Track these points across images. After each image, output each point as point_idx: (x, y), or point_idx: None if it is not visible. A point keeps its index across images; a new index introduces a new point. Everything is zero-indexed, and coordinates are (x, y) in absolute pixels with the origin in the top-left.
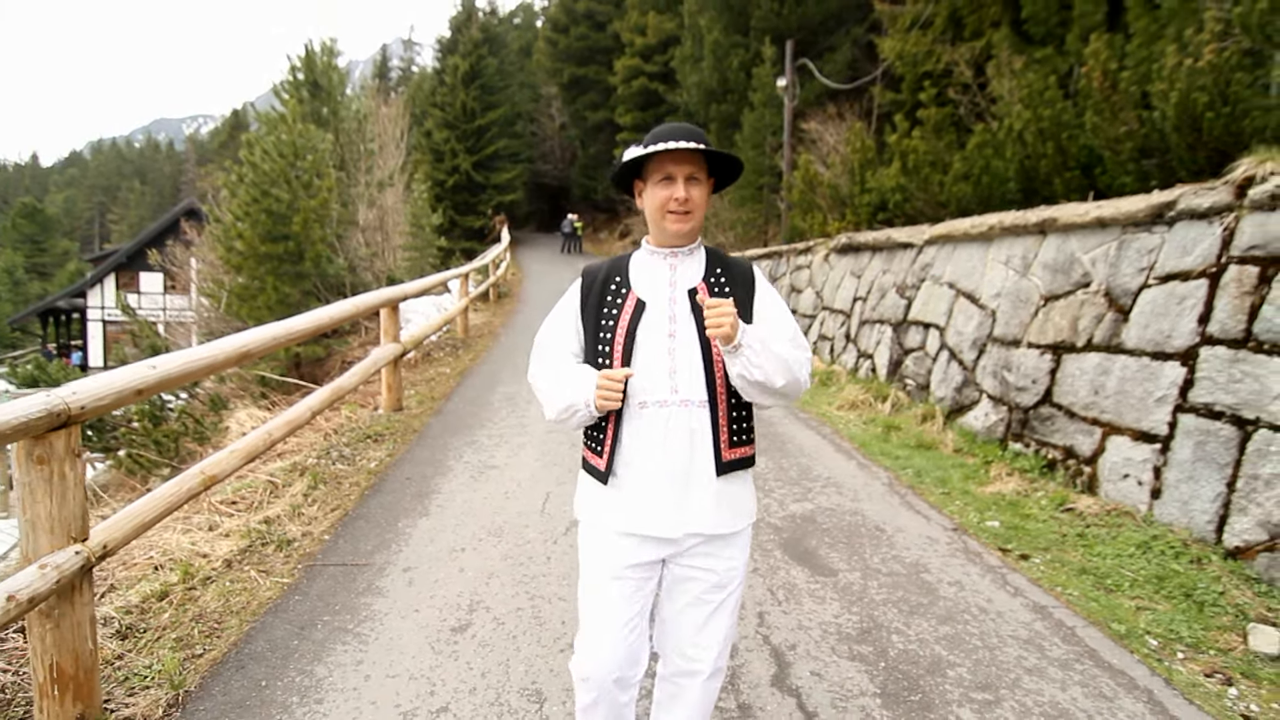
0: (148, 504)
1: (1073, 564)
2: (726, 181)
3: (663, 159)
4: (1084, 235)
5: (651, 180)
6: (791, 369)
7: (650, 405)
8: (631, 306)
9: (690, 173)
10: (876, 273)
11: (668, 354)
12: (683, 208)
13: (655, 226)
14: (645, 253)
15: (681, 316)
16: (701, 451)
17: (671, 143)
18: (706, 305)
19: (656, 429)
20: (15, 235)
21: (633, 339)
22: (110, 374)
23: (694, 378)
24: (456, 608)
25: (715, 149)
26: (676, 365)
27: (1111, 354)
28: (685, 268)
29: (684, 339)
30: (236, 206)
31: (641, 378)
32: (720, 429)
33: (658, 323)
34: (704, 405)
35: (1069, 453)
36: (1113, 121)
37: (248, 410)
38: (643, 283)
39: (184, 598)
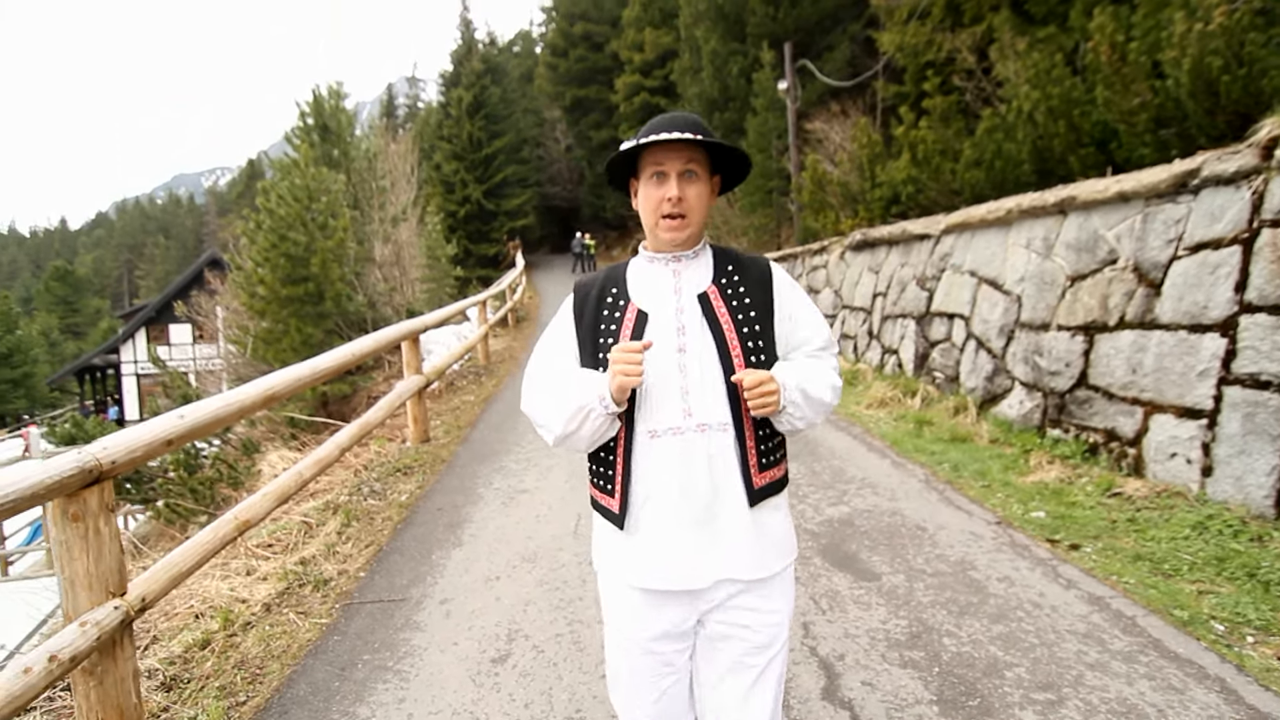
0: (184, 553)
1: (1126, 551)
2: (734, 180)
3: (655, 152)
4: (1106, 211)
5: (644, 177)
6: (830, 402)
7: (662, 434)
8: (632, 320)
9: (686, 167)
10: (895, 267)
11: (678, 371)
12: (676, 209)
13: (650, 232)
14: (644, 259)
15: (692, 326)
16: (728, 480)
17: (663, 133)
18: (745, 388)
19: (671, 461)
20: (49, 298)
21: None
22: (140, 427)
23: (712, 397)
24: (495, 638)
25: (714, 139)
26: (689, 384)
27: (1146, 330)
28: (691, 273)
29: (696, 352)
30: (256, 252)
31: (650, 401)
32: (749, 452)
33: (664, 336)
34: (725, 428)
35: (1111, 435)
36: (1125, 94)
37: (279, 452)
38: (643, 292)
39: (225, 645)
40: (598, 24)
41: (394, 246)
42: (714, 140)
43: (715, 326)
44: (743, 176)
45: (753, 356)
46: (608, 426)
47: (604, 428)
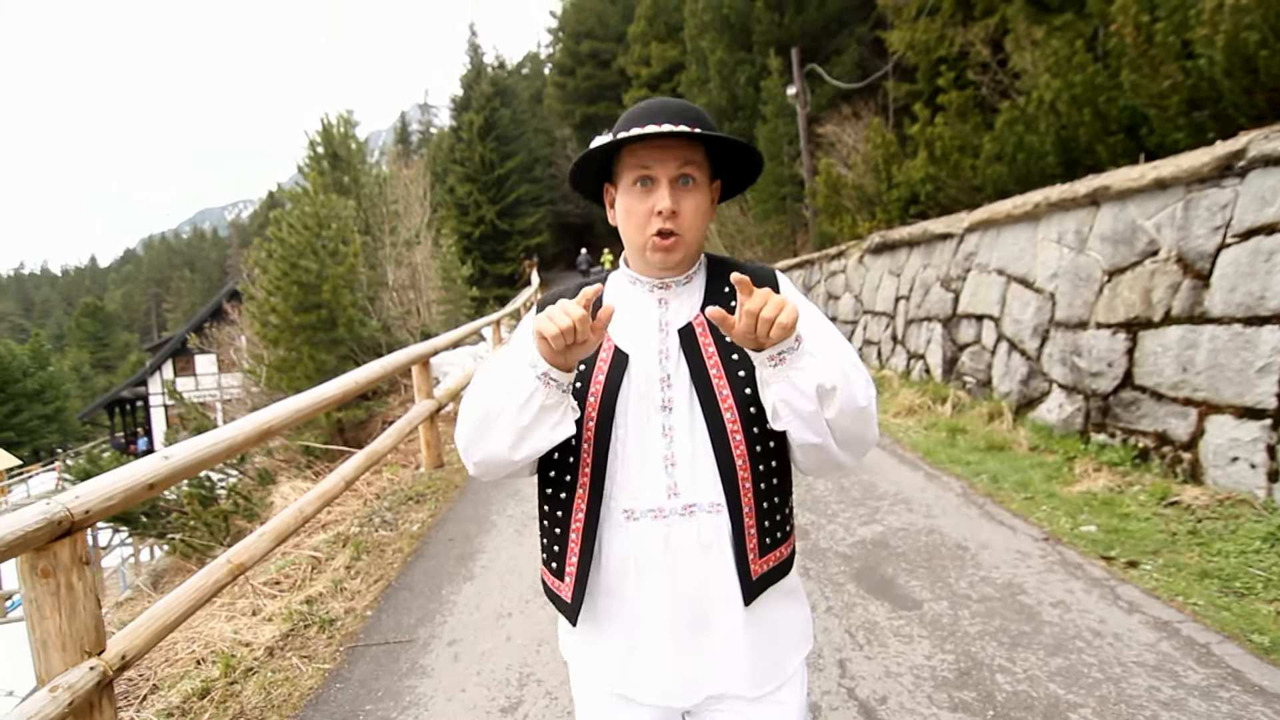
0: (172, 603)
1: (1190, 567)
2: (737, 185)
3: (641, 151)
4: (1143, 200)
5: (624, 182)
6: (864, 406)
7: (641, 516)
8: (607, 360)
9: (680, 171)
10: (916, 268)
11: (661, 434)
12: (668, 226)
13: (633, 252)
14: (624, 277)
15: (679, 378)
16: (719, 572)
17: (650, 125)
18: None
19: (652, 552)
20: (80, 334)
21: (611, 410)
22: (119, 471)
23: (702, 469)
24: (506, 683)
25: (719, 134)
26: (675, 452)
27: (1196, 325)
28: (681, 302)
29: (684, 412)
30: (268, 281)
31: (628, 470)
32: (746, 535)
33: (646, 386)
34: (718, 509)
35: (1162, 439)
36: (1154, 77)
37: (291, 483)
38: (622, 323)
39: (225, 693)
40: (604, 41)
41: (409, 270)
42: (719, 135)
43: (699, 370)
44: (749, 180)
45: (751, 407)
46: (543, 412)
47: (533, 405)
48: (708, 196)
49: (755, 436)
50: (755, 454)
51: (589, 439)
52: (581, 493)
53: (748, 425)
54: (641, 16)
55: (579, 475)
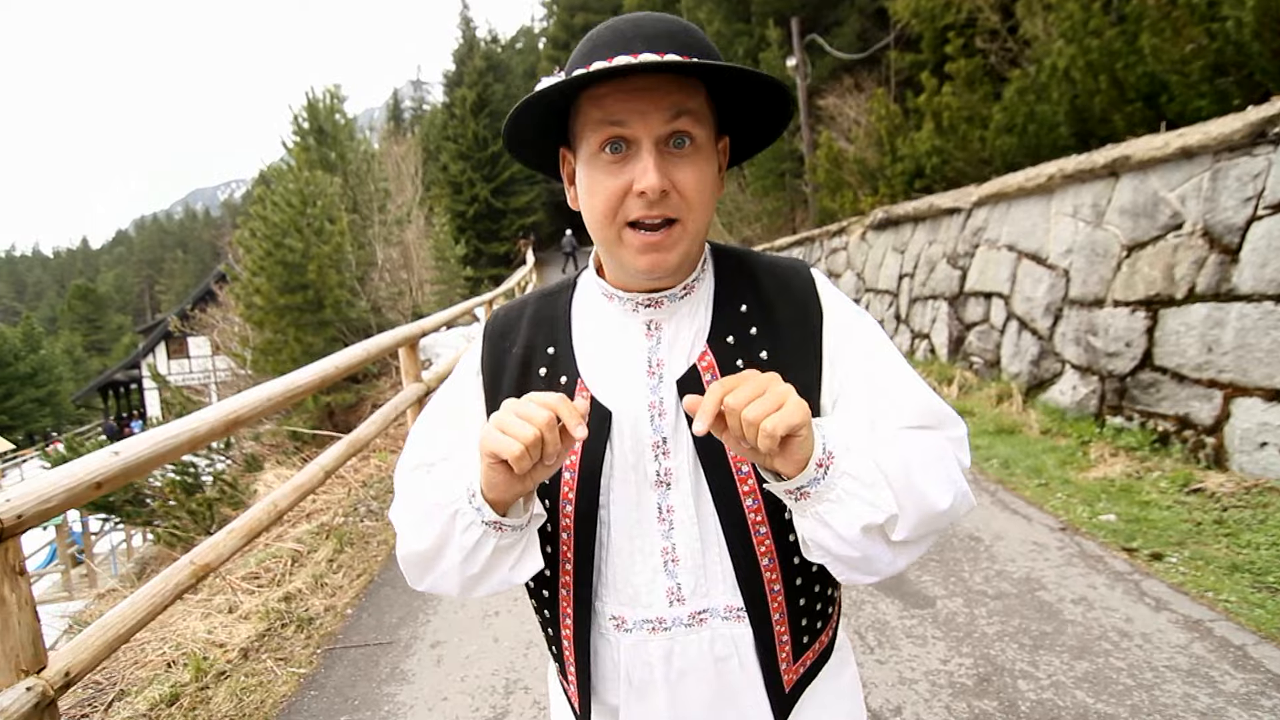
0: (125, 611)
1: (1219, 560)
2: (759, 137)
3: (606, 99)
4: (1166, 170)
5: (586, 147)
6: (943, 506)
7: (635, 627)
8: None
9: (671, 127)
10: (922, 245)
11: (657, 518)
12: (656, 212)
13: (605, 252)
14: (596, 289)
15: (680, 443)
16: (740, 687)
17: (622, 57)
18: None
19: (649, 668)
20: (72, 316)
21: (594, 486)
22: (61, 470)
23: (715, 566)
24: (491, 690)
25: (724, 63)
26: (678, 544)
27: (1222, 302)
28: (679, 326)
29: (686, 488)
30: (251, 262)
31: (614, 572)
32: (777, 643)
33: (635, 456)
34: (738, 615)
35: (1184, 422)
36: (1176, 41)
37: (275, 470)
38: (600, 360)
39: (195, 700)
40: (599, 14)
41: (401, 249)
42: (727, 65)
43: (708, 441)
44: (773, 132)
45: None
46: (497, 555)
47: (482, 553)
48: (713, 161)
49: (787, 522)
50: (786, 544)
51: (568, 526)
52: (565, 594)
53: (776, 510)
54: None
55: (559, 573)
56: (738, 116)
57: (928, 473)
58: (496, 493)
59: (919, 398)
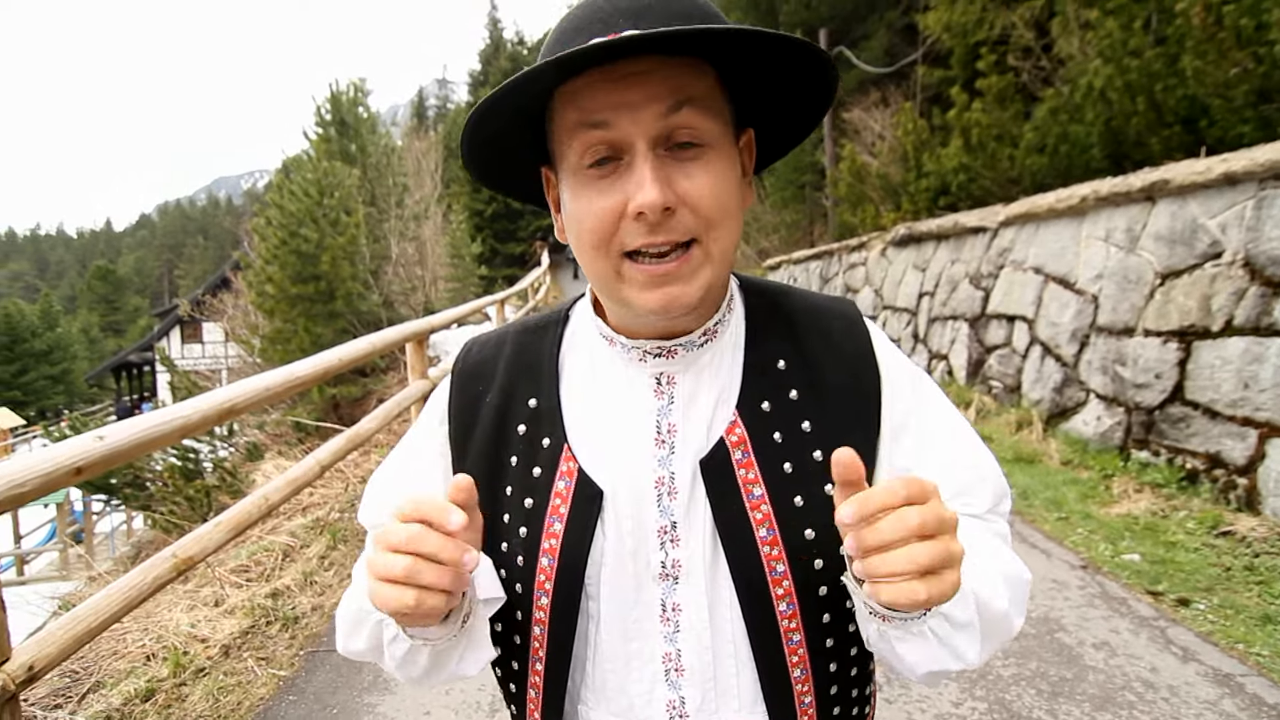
0: (100, 603)
1: (1250, 610)
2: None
3: (583, 93)
4: (1207, 197)
5: (567, 162)
6: (1014, 623)
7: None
8: (569, 494)
9: (669, 122)
10: (944, 263)
11: (660, 618)
12: (664, 236)
13: (605, 291)
14: (594, 329)
15: (693, 528)
16: None
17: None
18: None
19: None
20: (91, 296)
21: (577, 577)
22: (40, 453)
23: (730, 679)
24: (476, 707)
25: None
26: (684, 650)
27: (1263, 337)
28: (696, 384)
29: (699, 582)
30: (265, 250)
31: (602, 676)
32: None
33: (635, 543)
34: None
35: (1214, 461)
36: (1219, 63)
37: (275, 461)
38: (592, 423)
39: (170, 697)
40: None
41: (416, 245)
42: (739, 28)
43: (735, 519)
44: (815, 116)
45: (821, 584)
46: (438, 658)
47: (418, 659)
48: (733, 163)
49: (826, 627)
50: (824, 649)
51: (541, 621)
52: (535, 695)
53: (814, 612)
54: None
55: (529, 670)
56: (763, 102)
57: (1014, 602)
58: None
59: (992, 477)
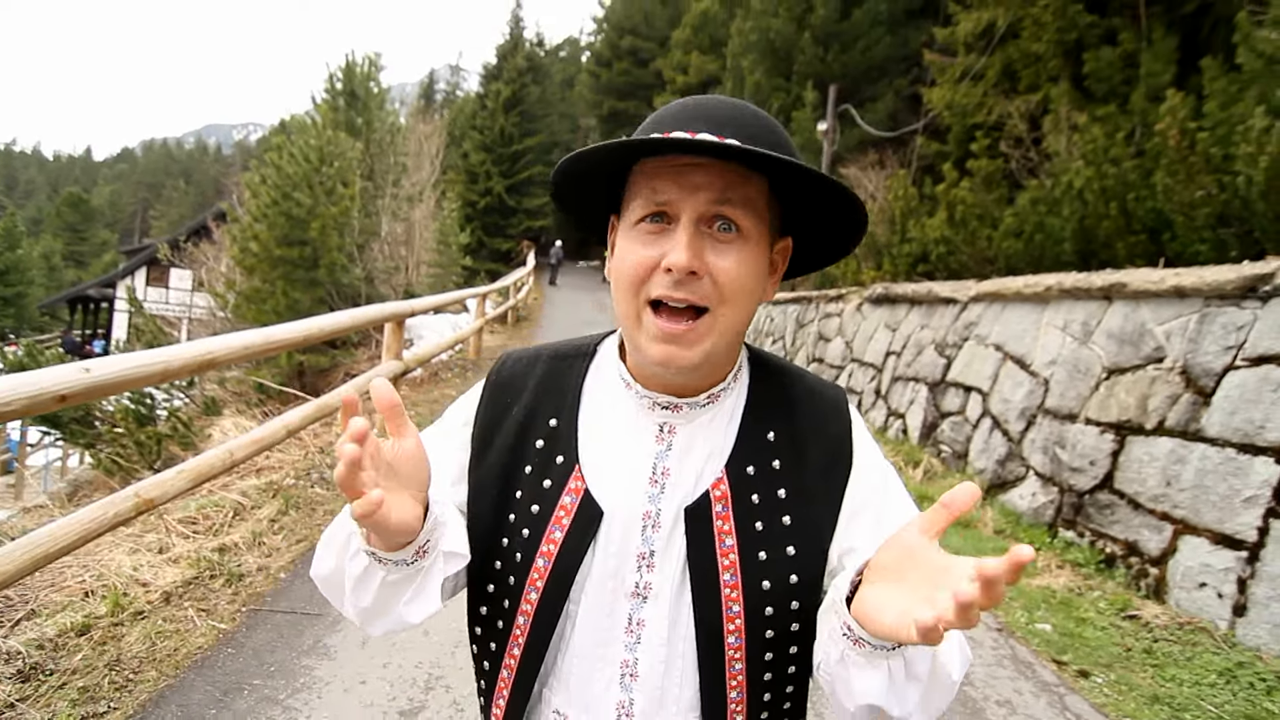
0: (58, 530)
1: (1142, 688)
2: (829, 249)
3: (657, 173)
4: (1158, 305)
5: (628, 217)
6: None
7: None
8: (573, 509)
9: (715, 209)
10: (914, 327)
11: (625, 629)
12: (680, 294)
13: (627, 332)
14: (614, 371)
15: (668, 561)
16: None
17: (679, 132)
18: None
19: None
20: (58, 222)
21: (565, 584)
22: (27, 375)
23: (674, 691)
24: (411, 683)
25: (787, 158)
26: (641, 659)
27: (1189, 441)
28: (693, 438)
29: (665, 605)
30: (255, 207)
31: (569, 669)
32: None
33: (616, 562)
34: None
35: (1131, 549)
36: (1188, 184)
37: (234, 419)
38: (603, 451)
39: (106, 635)
40: (646, 40)
41: (405, 226)
42: (791, 161)
43: (703, 563)
44: (845, 247)
45: (768, 629)
46: (387, 589)
47: (370, 583)
48: (762, 257)
49: (767, 664)
50: (761, 682)
51: (526, 613)
52: (506, 675)
53: (758, 652)
54: (688, 24)
55: (505, 653)
56: (805, 221)
57: (960, 675)
58: (387, 543)
59: None
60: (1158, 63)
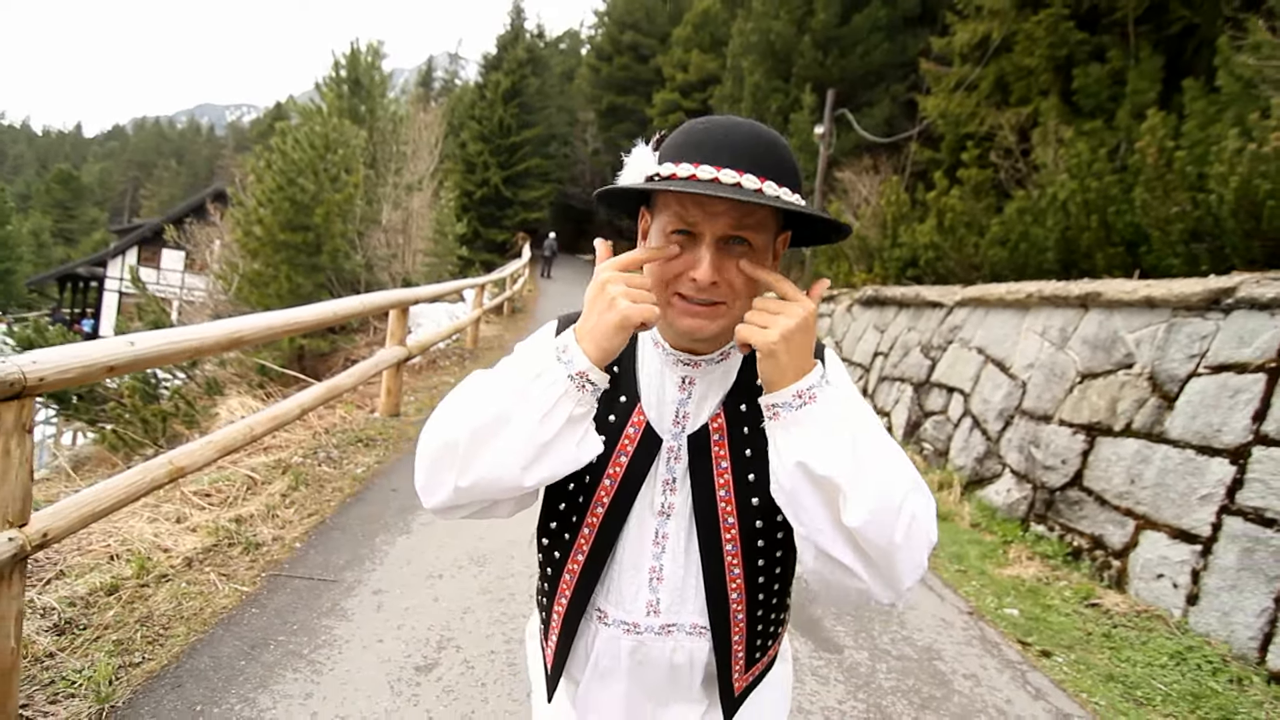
0: (103, 491)
1: (1099, 668)
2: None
3: (684, 198)
4: (1130, 314)
5: (659, 221)
6: (898, 503)
7: (613, 623)
8: (636, 438)
9: (732, 233)
10: (901, 329)
11: (653, 541)
12: (706, 296)
13: (660, 306)
14: (648, 336)
15: (683, 486)
16: (691, 689)
17: (705, 167)
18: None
19: (616, 660)
20: (48, 199)
21: (628, 501)
22: (82, 346)
23: (690, 592)
24: (425, 643)
25: (794, 206)
26: (665, 565)
27: (1153, 442)
28: (708, 388)
29: (682, 522)
30: (260, 192)
31: (612, 575)
32: (733, 658)
33: (645, 488)
34: (701, 631)
35: (1097, 542)
36: (1164, 200)
37: (240, 399)
38: (651, 398)
39: (134, 595)
40: (647, 36)
41: (403, 213)
42: (798, 209)
43: (704, 487)
44: (827, 240)
45: (759, 539)
46: (570, 425)
47: (559, 414)
48: (768, 255)
49: (759, 569)
50: (756, 585)
51: (592, 525)
52: (569, 578)
53: (751, 558)
54: (689, 22)
55: (569, 559)
56: (800, 220)
57: (885, 471)
58: (605, 355)
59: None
60: (1144, 81)
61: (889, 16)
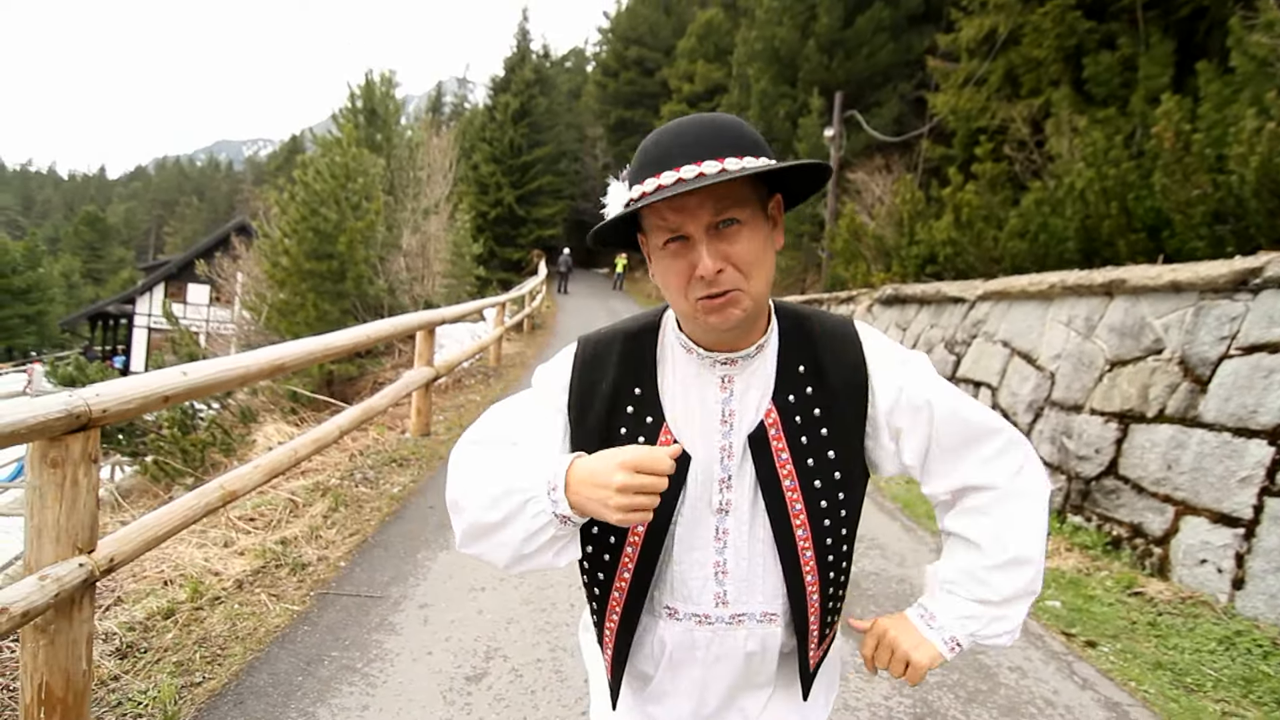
0: (162, 516)
1: (1146, 656)
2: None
3: (660, 209)
4: (1156, 299)
5: (652, 240)
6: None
7: (685, 618)
8: None
9: (717, 218)
10: (924, 326)
11: (714, 538)
12: (716, 288)
13: (686, 320)
14: (676, 340)
15: (742, 480)
16: (763, 673)
17: (665, 174)
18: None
19: (690, 651)
20: (76, 241)
21: (667, 518)
22: (139, 378)
23: (758, 581)
24: (473, 654)
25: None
26: (729, 559)
27: (1187, 427)
28: (748, 382)
29: (743, 516)
30: (285, 223)
31: (672, 575)
32: (810, 638)
33: (702, 489)
34: (771, 619)
35: (1136, 531)
36: (1184, 184)
37: (275, 425)
38: (680, 406)
39: (190, 618)
40: (652, 50)
41: (421, 237)
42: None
43: (769, 477)
44: (816, 186)
45: (825, 519)
46: (551, 542)
47: (541, 538)
48: (764, 227)
49: (828, 547)
50: (826, 563)
51: (635, 543)
52: (621, 587)
53: (820, 538)
54: (693, 34)
55: (616, 575)
56: (783, 178)
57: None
58: (584, 514)
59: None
60: (1155, 66)
61: (892, 16)
